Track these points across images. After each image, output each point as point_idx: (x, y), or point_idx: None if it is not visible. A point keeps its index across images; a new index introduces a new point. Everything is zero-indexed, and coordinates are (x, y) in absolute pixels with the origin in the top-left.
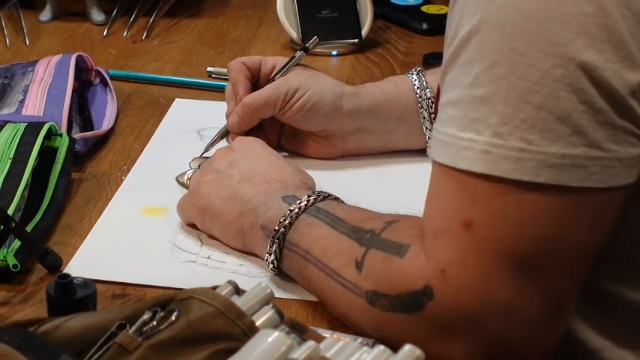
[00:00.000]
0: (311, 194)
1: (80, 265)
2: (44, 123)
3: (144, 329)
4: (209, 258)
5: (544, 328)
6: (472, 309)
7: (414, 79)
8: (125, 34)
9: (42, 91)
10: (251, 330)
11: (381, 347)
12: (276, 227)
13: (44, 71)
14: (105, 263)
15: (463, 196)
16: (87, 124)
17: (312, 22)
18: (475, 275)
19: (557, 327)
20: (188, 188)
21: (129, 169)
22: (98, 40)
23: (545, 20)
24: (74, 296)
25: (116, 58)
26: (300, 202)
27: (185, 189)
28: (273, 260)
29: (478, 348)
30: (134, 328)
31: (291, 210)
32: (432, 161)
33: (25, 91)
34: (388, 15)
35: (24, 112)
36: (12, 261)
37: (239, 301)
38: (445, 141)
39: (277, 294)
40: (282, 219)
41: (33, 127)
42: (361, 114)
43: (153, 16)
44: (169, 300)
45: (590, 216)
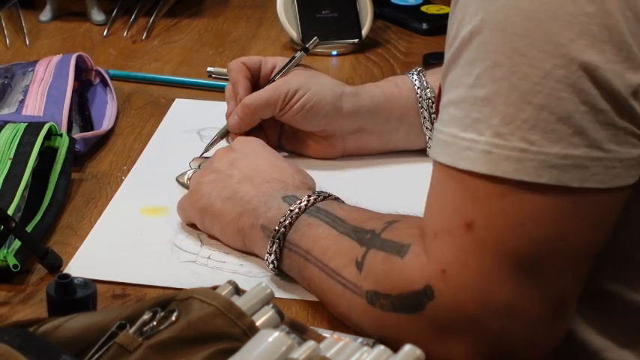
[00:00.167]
0: (311, 194)
1: (80, 265)
2: (44, 123)
3: (144, 329)
4: (209, 258)
5: (545, 329)
6: (473, 309)
7: (415, 79)
8: (125, 34)
9: (42, 91)
10: (251, 330)
11: (381, 347)
12: (276, 227)
13: (44, 71)
14: (105, 263)
15: (464, 197)
16: (87, 124)
17: (312, 22)
18: (476, 275)
19: (557, 327)
20: (188, 188)
21: (129, 169)
22: (98, 40)
23: (546, 20)
24: (74, 296)
25: (116, 58)
26: (300, 202)
27: (185, 189)
28: (273, 260)
29: (479, 348)
30: (134, 328)
31: (291, 210)
32: (433, 161)
33: (25, 91)
34: (388, 15)
35: (24, 112)
36: (12, 261)
37: (239, 301)
38: (446, 141)
39: (277, 294)
40: (282, 219)
41: (33, 128)
42: (361, 114)
43: (153, 16)
44: (169, 300)
45: (591, 216)
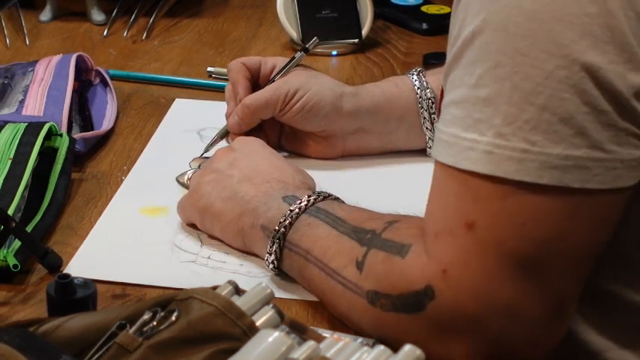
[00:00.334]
0: (311, 194)
1: (80, 265)
2: (44, 123)
3: (144, 329)
4: (209, 258)
5: (545, 329)
6: (473, 309)
7: (415, 80)
8: (125, 34)
9: (42, 91)
10: (251, 330)
11: (381, 347)
12: (276, 227)
13: (44, 71)
14: (105, 263)
15: (465, 197)
16: (87, 124)
17: (312, 22)
18: (477, 276)
19: (558, 327)
20: (188, 188)
21: (129, 169)
22: (98, 40)
23: (548, 21)
24: (74, 296)
25: (116, 58)
26: (300, 202)
27: (185, 189)
28: (273, 260)
29: (479, 348)
30: (134, 328)
31: (291, 210)
32: (435, 161)
33: (25, 91)
34: (388, 15)
35: (24, 112)
36: (12, 261)
37: (239, 301)
38: (448, 141)
39: (277, 294)
40: (282, 219)
41: (33, 128)
42: (361, 114)
43: (153, 16)
44: (169, 300)
45: (592, 217)
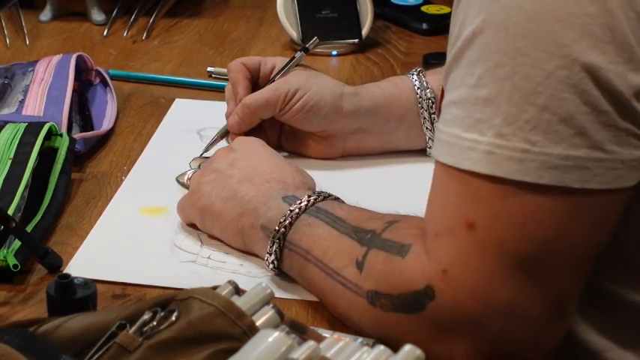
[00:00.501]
0: (311, 194)
1: (80, 265)
2: (44, 123)
3: (144, 329)
4: (209, 258)
5: (545, 329)
6: (474, 309)
7: (415, 80)
8: (125, 34)
9: (42, 92)
10: (251, 330)
11: (382, 347)
12: (276, 227)
13: (44, 71)
14: (105, 263)
15: (466, 197)
16: (87, 124)
17: (312, 22)
18: (477, 276)
19: (558, 327)
20: (188, 188)
21: (129, 169)
22: (98, 40)
23: (549, 21)
24: (74, 296)
25: (116, 58)
26: (300, 202)
27: (185, 189)
28: (273, 260)
29: (479, 348)
30: (134, 328)
31: (291, 210)
32: (435, 161)
33: (25, 91)
34: (388, 15)
35: (24, 112)
36: (12, 261)
37: (239, 301)
38: (448, 141)
39: (277, 294)
40: (282, 219)
41: (33, 128)
42: (361, 114)
43: (153, 16)
44: (169, 300)
45: (592, 217)
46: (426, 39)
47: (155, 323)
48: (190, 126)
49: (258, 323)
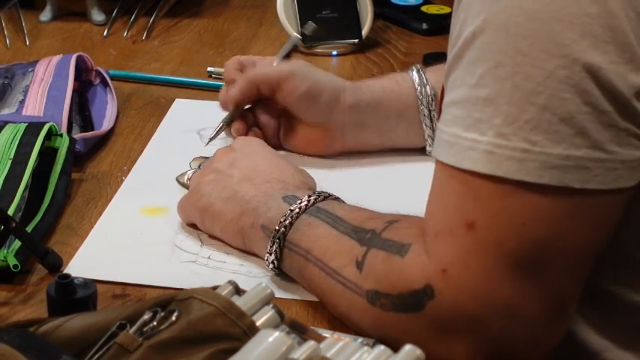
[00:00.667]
0: (311, 194)
1: (80, 266)
2: (44, 123)
3: (144, 329)
4: (209, 258)
5: (545, 329)
6: (473, 309)
7: (414, 76)
8: (125, 34)
9: (42, 92)
10: (251, 330)
11: (382, 347)
12: (276, 227)
13: (44, 71)
14: (105, 263)
15: (466, 196)
16: (87, 125)
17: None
18: (477, 275)
19: (558, 327)
20: (188, 188)
21: (129, 170)
22: (98, 40)
23: (549, 21)
24: (74, 296)
25: (116, 58)
26: (300, 202)
27: (185, 189)
28: (273, 260)
29: (479, 348)
30: (134, 328)
31: (291, 210)
32: (435, 161)
33: (26, 92)
34: (388, 15)
35: (24, 113)
36: (12, 261)
37: (239, 301)
38: (449, 141)
39: (277, 294)
40: (282, 219)
41: (33, 128)
42: (361, 108)
43: (153, 16)
44: (170, 300)
45: (592, 217)
46: (426, 39)
47: (155, 323)
48: (190, 126)
49: (258, 323)
